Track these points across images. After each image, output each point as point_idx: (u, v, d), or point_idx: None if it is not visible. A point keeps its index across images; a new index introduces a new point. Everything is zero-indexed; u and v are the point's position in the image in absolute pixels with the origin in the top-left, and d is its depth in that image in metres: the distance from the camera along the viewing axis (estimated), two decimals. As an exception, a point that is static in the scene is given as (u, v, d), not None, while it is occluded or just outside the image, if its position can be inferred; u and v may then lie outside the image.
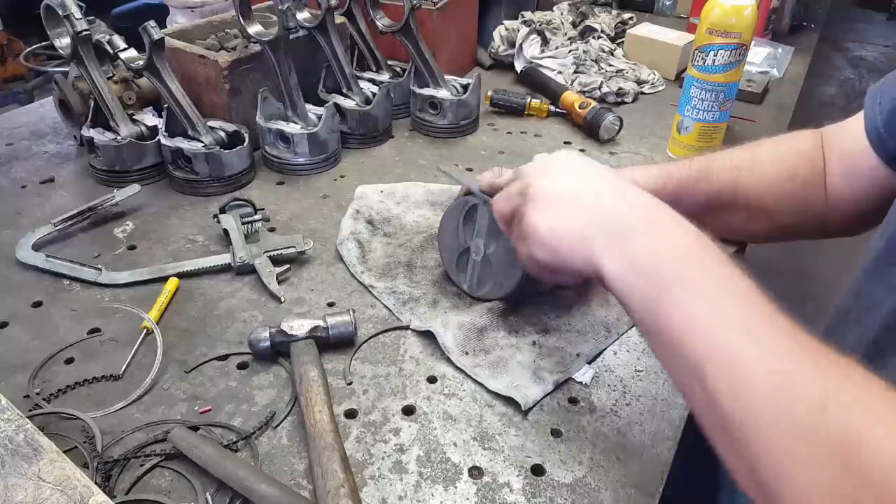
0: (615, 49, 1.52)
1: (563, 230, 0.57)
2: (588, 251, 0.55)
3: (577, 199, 0.58)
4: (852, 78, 4.86)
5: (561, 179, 0.61)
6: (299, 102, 1.06)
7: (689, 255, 0.51)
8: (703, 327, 0.46)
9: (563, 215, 0.58)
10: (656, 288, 0.49)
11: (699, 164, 0.82)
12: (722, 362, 0.44)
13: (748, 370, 0.42)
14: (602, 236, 0.54)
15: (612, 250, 0.53)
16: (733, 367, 0.43)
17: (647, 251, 0.52)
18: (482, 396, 0.69)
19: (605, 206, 0.56)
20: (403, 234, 0.93)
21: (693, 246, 0.52)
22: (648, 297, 0.50)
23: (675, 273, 0.49)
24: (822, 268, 2.49)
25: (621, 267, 0.52)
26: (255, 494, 0.56)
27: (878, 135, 0.71)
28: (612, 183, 0.59)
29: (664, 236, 0.53)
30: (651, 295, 0.50)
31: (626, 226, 0.54)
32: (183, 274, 0.84)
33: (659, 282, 0.49)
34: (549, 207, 0.59)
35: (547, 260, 0.59)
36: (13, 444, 0.54)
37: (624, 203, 0.56)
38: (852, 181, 0.76)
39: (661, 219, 0.55)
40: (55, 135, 1.19)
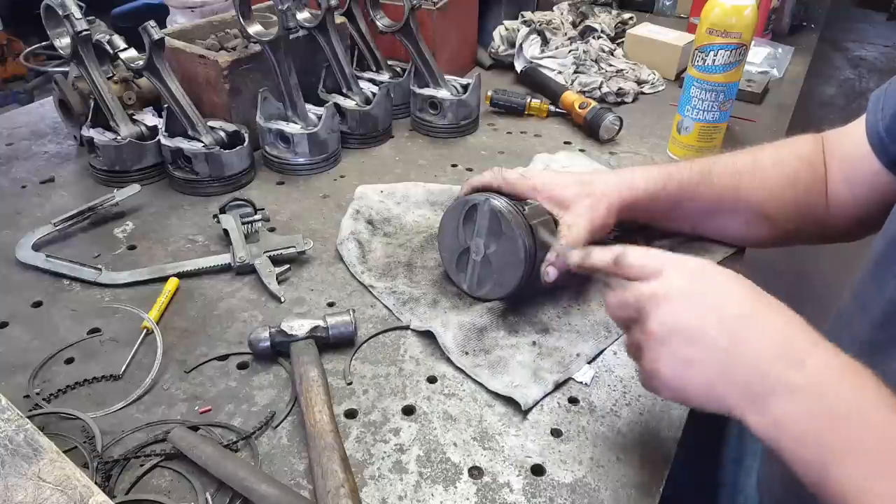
0: (615, 49, 1.52)
1: (690, 380, 0.50)
2: (725, 405, 0.48)
3: (706, 341, 0.49)
4: (852, 78, 4.86)
5: (684, 309, 0.50)
6: (299, 102, 1.07)
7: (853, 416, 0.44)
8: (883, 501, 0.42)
9: (689, 362, 0.49)
10: (818, 459, 0.44)
11: (700, 167, 0.82)
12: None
13: None
14: (738, 393, 0.47)
15: (753, 409, 0.47)
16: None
17: (801, 416, 0.45)
18: (482, 396, 0.69)
19: (737, 351, 0.48)
20: (403, 234, 0.93)
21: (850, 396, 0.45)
22: (810, 465, 0.45)
23: (834, 447, 0.44)
24: (823, 270, 2.49)
25: (772, 431, 0.46)
26: (255, 494, 0.56)
27: (880, 139, 0.71)
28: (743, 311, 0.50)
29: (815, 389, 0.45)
30: (813, 463, 0.44)
31: (764, 377, 0.46)
32: (183, 274, 0.84)
33: (822, 455, 0.44)
34: (671, 349, 0.50)
35: (674, 400, 0.54)
36: (13, 444, 0.54)
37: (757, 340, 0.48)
38: (853, 186, 0.76)
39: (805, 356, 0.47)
40: (55, 135, 1.19)
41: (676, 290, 0.51)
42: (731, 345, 0.48)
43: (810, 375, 0.46)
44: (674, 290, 0.51)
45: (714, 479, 0.90)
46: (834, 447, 0.44)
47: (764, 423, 0.47)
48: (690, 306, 0.51)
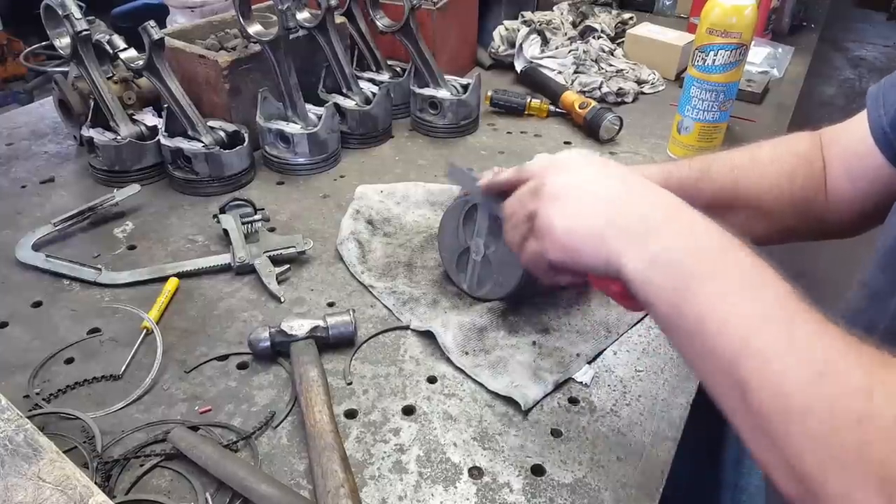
0: (615, 49, 1.52)
1: (581, 228, 0.55)
2: (607, 250, 0.53)
3: (597, 195, 0.56)
4: (852, 78, 4.86)
5: (579, 175, 0.58)
6: (299, 102, 1.06)
7: (715, 250, 0.50)
8: (735, 321, 0.45)
9: (581, 213, 0.56)
10: (683, 285, 0.48)
11: (699, 165, 0.82)
12: (757, 355, 0.42)
13: (783, 361, 0.41)
14: (623, 235, 0.53)
15: (635, 249, 0.52)
16: (768, 360, 0.42)
17: (672, 248, 0.50)
18: (482, 396, 0.69)
19: (627, 204, 0.55)
20: (403, 234, 0.93)
21: (718, 241, 0.50)
22: (675, 295, 0.48)
23: (702, 268, 0.48)
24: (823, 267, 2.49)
25: (644, 266, 0.51)
26: (254, 494, 0.56)
27: (884, 134, 0.71)
28: (632, 180, 0.57)
29: (689, 233, 0.52)
30: (677, 293, 0.48)
31: (648, 224, 0.52)
32: (183, 274, 0.84)
33: (685, 279, 0.48)
34: (567, 204, 0.57)
35: (561, 259, 0.57)
36: (13, 444, 0.54)
37: (645, 201, 0.55)
38: (856, 181, 0.76)
39: (683, 216, 0.53)
40: (55, 135, 1.19)
41: (568, 161, 0.61)
42: (617, 198, 0.55)
43: (685, 221, 0.52)
44: (565, 162, 0.61)
45: (714, 480, 0.90)
46: (698, 274, 0.48)
47: (640, 262, 0.51)
48: (580, 172, 0.59)
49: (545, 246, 0.58)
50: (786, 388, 0.41)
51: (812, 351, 0.41)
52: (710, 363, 0.46)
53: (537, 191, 0.60)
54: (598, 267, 0.55)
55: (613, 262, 0.53)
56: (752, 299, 0.46)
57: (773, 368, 0.42)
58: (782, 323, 0.43)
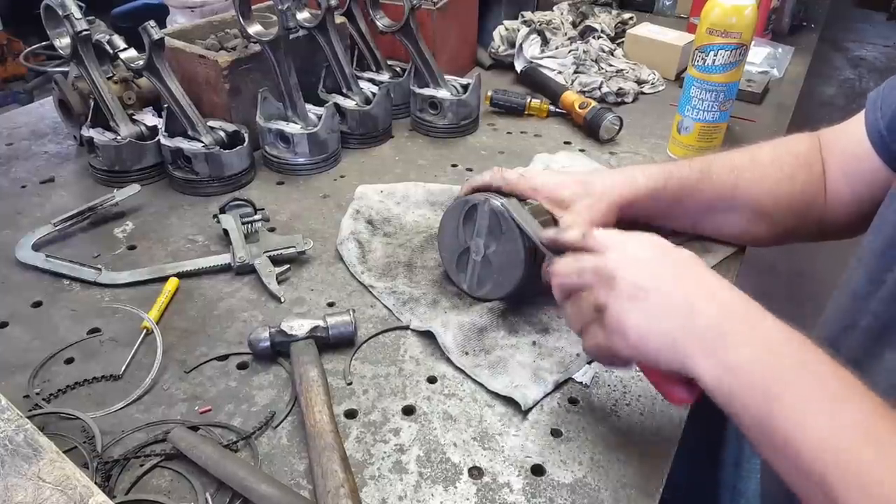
0: (615, 49, 1.52)
1: (655, 333, 0.54)
2: (680, 357, 0.52)
3: (669, 296, 0.54)
4: (852, 78, 4.86)
5: (649, 271, 0.56)
6: (299, 102, 1.06)
7: (797, 361, 0.49)
8: (821, 438, 0.44)
9: (654, 316, 0.54)
10: (764, 400, 0.47)
11: (699, 165, 0.82)
12: (847, 473, 0.42)
13: (877, 479, 0.41)
14: (697, 341, 0.51)
15: (709, 358, 0.51)
16: (860, 477, 0.42)
17: (750, 358, 0.49)
18: (482, 396, 0.69)
19: (699, 306, 0.53)
20: (403, 234, 0.93)
21: (798, 351, 0.50)
22: (756, 410, 0.48)
23: (783, 384, 0.47)
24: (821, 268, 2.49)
25: (722, 377, 0.50)
26: (254, 494, 0.56)
27: (881, 136, 0.71)
28: (701, 277, 0.56)
29: (767, 341, 0.50)
30: (758, 407, 0.48)
31: (722, 332, 0.51)
32: (183, 274, 0.84)
33: (766, 394, 0.47)
34: (640, 306, 0.55)
35: (632, 358, 0.57)
36: (13, 444, 0.54)
37: (717, 304, 0.53)
38: (853, 183, 0.76)
39: (759, 320, 0.52)
40: (55, 135, 1.19)
41: (641, 255, 0.58)
42: (693, 303, 0.53)
43: (762, 332, 0.51)
44: (638, 255, 0.58)
45: (713, 481, 0.90)
46: (781, 388, 0.47)
47: (717, 370, 0.50)
48: (653, 266, 0.57)
49: (615, 343, 0.56)
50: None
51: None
52: (800, 475, 0.46)
53: (607, 281, 0.57)
54: (671, 369, 0.54)
55: (687, 369, 0.52)
56: (839, 415, 0.45)
57: (865, 487, 0.42)
58: (872, 441, 0.43)
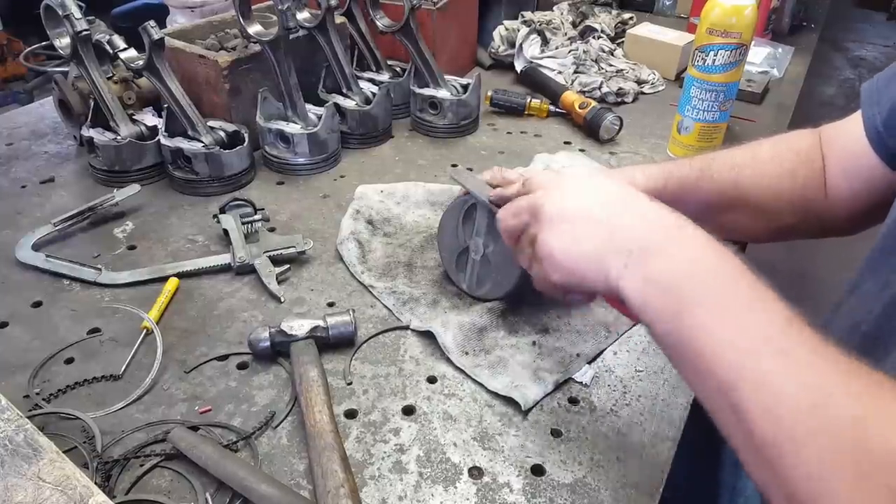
0: (615, 49, 1.52)
1: (577, 252, 0.55)
2: (605, 272, 0.53)
3: (591, 218, 0.56)
4: (852, 78, 4.86)
5: (573, 197, 0.58)
6: (299, 102, 1.06)
7: (711, 272, 0.49)
8: (730, 347, 0.45)
9: (576, 237, 0.56)
10: (678, 309, 0.48)
11: (699, 164, 0.82)
12: (752, 382, 0.42)
13: (781, 388, 0.41)
14: (618, 257, 0.52)
15: (630, 271, 0.52)
16: (765, 386, 0.42)
17: (667, 271, 0.50)
18: (482, 396, 0.69)
19: (620, 224, 0.54)
20: (403, 234, 0.93)
21: (714, 263, 0.50)
22: (670, 319, 0.48)
23: (697, 293, 0.48)
24: (821, 267, 2.49)
25: (640, 288, 0.51)
26: (254, 494, 0.56)
27: (878, 133, 0.71)
28: (626, 198, 0.57)
29: (683, 254, 0.51)
30: (673, 316, 0.48)
31: (643, 245, 0.52)
32: (183, 274, 0.84)
33: (681, 302, 0.48)
34: (562, 229, 0.57)
35: (563, 281, 0.58)
36: (13, 444, 0.54)
37: (639, 219, 0.54)
38: (851, 180, 0.76)
39: (679, 235, 0.53)
40: (55, 135, 1.19)
41: (564, 184, 0.60)
42: (615, 219, 0.55)
43: (682, 243, 0.52)
44: (562, 184, 0.61)
45: (714, 481, 0.90)
46: (692, 296, 0.48)
47: (636, 282, 0.51)
48: (577, 193, 0.59)
49: (546, 269, 0.58)
50: (781, 416, 0.41)
51: (808, 378, 0.41)
52: (708, 386, 0.46)
53: (536, 213, 0.59)
54: (599, 288, 0.55)
55: (612, 283, 0.53)
56: (749, 323, 0.45)
57: (769, 396, 0.42)
58: (779, 349, 0.43)
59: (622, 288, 0.52)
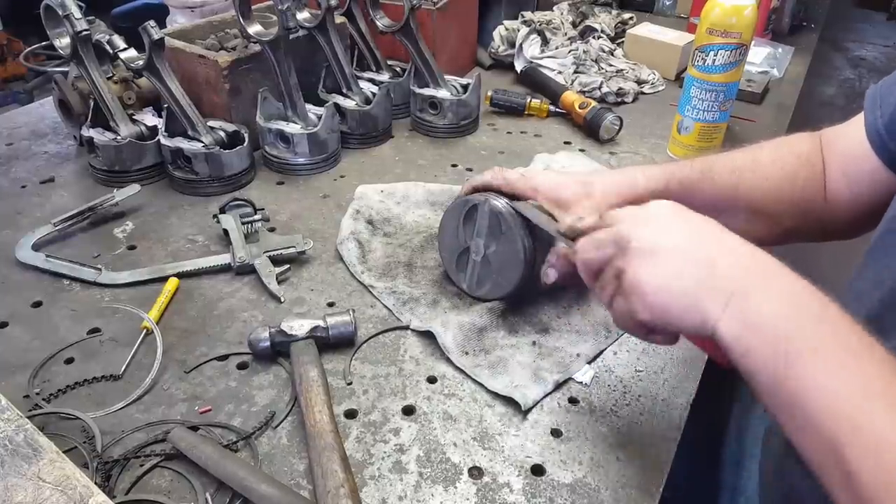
0: (615, 49, 1.52)
1: (672, 290, 0.52)
2: (701, 313, 0.51)
3: (688, 254, 0.53)
4: (852, 78, 4.86)
5: (665, 231, 0.55)
6: (299, 102, 1.06)
7: (816, 318, 0.47)
8: (841, 401, 0.43)
9: (671, 272, 0.53)
10: (783, 356, 0.46)
11: (700, 165, 0.82)
12: (864, 439, 0.41)
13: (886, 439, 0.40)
14: (717, 297, 0.50)
15: (729, 313, 0.49)
16: (878, 444, 0.41)
17: (770, 314, 0.48)
18: (482, 396, 0.69)
19: (719, 263, 0.52)
20: (403, 234, 0.93)
21: (818, 308, 0.48)
22: (774, 365, 0.46)
23: (804, 339, 0.46)
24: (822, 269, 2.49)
25: (740, 331, 0.48)
26: (254, 494, 0.56)
27: (879, 137, 0.71)
28: (720, 236, 0.55)
29: (787, 298, 0.49)
30: (777, 362, 0.46)
31: (744, 285, 0.50)
32: (183, 274, 0.84)
33: (786, 349, 0.46)
34: (656, 263, 0.53)
35: (651, 320, 0.54)
36: (13, 444, 0.54)
37: (737, 259, 0.52)
38: (852, 183, 0.76)
39: (779, 277, 0.51)
40: (55, 135, 1.19)
41: (653, 215, 0.57)
42: (710, 256, 0.52)
43: (782, 287, 0.50)
44: (650, 216, 0.57)
45: (714, 481, 0.90)
46: (799, 345, 0.46)
47: (736, 326, 0.49)
48: (669, 228, 0.56)
49: (633, 305, 0.55)
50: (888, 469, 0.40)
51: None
52: (814, 441, 0.45)
53: (623, 246, 0.56)
54: (691, 328, 0.52)
55: (708, 325, 0.50)
56: (859, 377, 0.44)
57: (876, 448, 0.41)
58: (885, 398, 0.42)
59: (720, 331, 0.50)
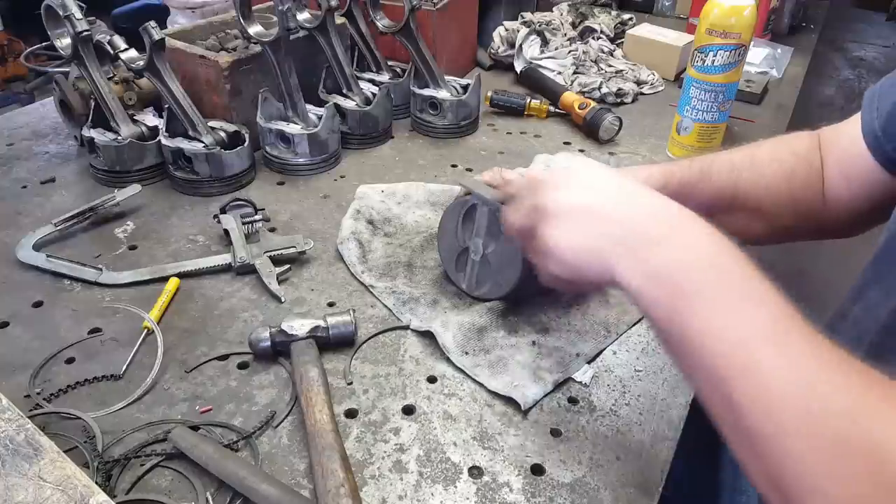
0: (615, 50, 1.52)
1: (578, 246, 0.56)
2: (606, 265, 0.53)
3: (591, 211, 0.56)
4: (851, 78, 4.86)
5: (573, 191, 0.58)
6: (300, 103, 1.07)
7: (709, 264, 0.50)
8: (724, 338, 0.45)
9: (577, 230, 0.56)
10: (676, 300, 0.48)
11: (699, 165, 0.82)
12: (745, 372, 0.43)
13: (772, 380, 0.42)
14: (619, 249, 0.53)
15: (630, 263, 0.52)
16: (757, 377, 0.42)
17: (665, 263, 0.50)
18: (482, 396, 0.69)
19: (620, 217, 0.54)
20: (404, 234, 0.93)
21: (712, 254, 0.50)
22: (668, 310, 0.49)
23: (695, 284, 0.48)
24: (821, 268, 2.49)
25: (640, 280, 0.51)
26: (255, 494, 0.56)
27: (875, 138, 0.71)
28: (626, 189, 0.57)
29: (682, 246, 0.51)
30: (671, 307, 0.49)
31: (642, 237, 0.52)
32: (183, 274, 0.84)
33: (679, 294, 0.48)
34: (563, 223, 0.57)
35: (565, 276, 0.58)
36: (14, 444, 0.54)
37: (639, 211, 0.55)
38: (850, 183, 0.76)
39: (678, 226, 0.53)
40: (56, 135, 1.19)
41: (567, 179, 0.60)
42: (610, 211, 0.55)
43: (683, 234, 0.52)
44: (563, 177, 0.60)
45: (713, 480, 0.90)
46: (688, 288, 0.48)
47: (638, 275, 0.51)
48: (579, 188, 0.58)
49: (550, 265, 0.59)
50: (770, 407, 0.41)
51: (799, 371, 0.42)
52: (703, 378, 0.47)
53: (536, 206, 0.60)
54: (601, 282, 0.55)
55: (613, 276, 0.53)
56: (745, 316, 0.46)
57: (760, 388, 0.42)
58: (774, 342, 0.44)
59: (622, 281, 0.52)
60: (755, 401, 0.42)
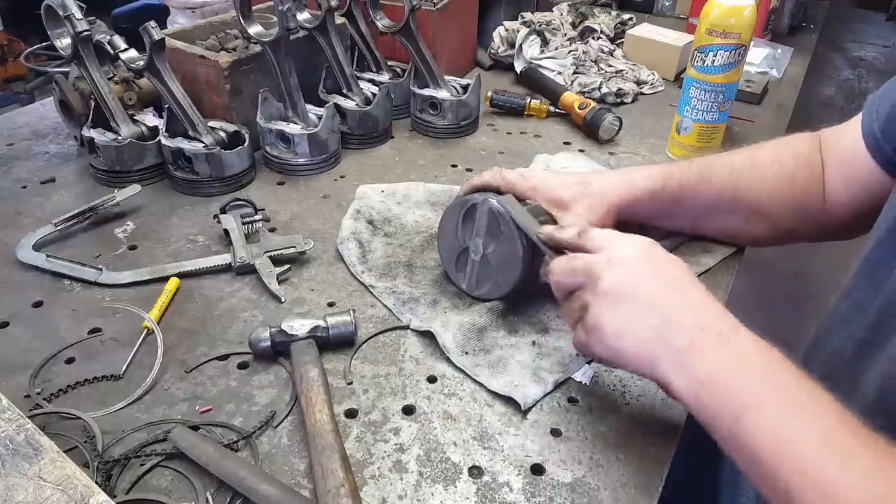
0: (615, 50, 1.52)
1: (630, 337, 0.56)
2: (654, 364, 0.54)
3: (650, 304, 0.56)
4: (851, 78, 4.86)
5: (635, 277, 0.58)
6: (300, 103, 1.07)
7: (763, 374, 0.50)
8: (787, 450, 0.46)
9: (631, 321, 0.56)
10: (732, 411, 0.49)
11: (699, 166, 0.82)
12: (810, 485, 0.43)
13: (838, 491, 0.42)
14: (670, 351, 0.53)
15: (681, 372, 0.52)
16: (822, 489, 0.43)
17: (719, 374, 0.50)
18: (482, 396, 0.69)
19: (678, 318, 0.54)
20: (404, 234, 0.93)
21: (766, 364, 0.51)
22: (723, 419, 0.49)
23: (751, 395, 0.49)
24: (820, 268, 2.49)
25: (691, 386, 0.51)
26: (255, 494, 0.56)
27: (875, 139, 0.71)
28: (687, 290, 0.57)
29: (736, 355, 0.52)
30: (727, 417, 0.49)
31: (695, 345, 0.52)
32: (183, 274, 0.84)
33: (734, 405, 0.49)
34: (620, 308, 0.56)
35: (607, 359, 0.59)
36: (14, 444, 0.54)
37: (697, 316, 0.54)
38: (849, 185, 0.76)
39: (731, 334, 0.53)
40: (56, 135, 1.19)
41: (627, 258, 0.59)
42: (670, 311, 0.55)
43: (733, 345, 0.52)
44: (625, 258, 0.59)
45: (714, 480, 0.90)
46: (749, 398, 0.49)
47: (689, 382, 0.52)
48: (639, 272, 0.58)
49: (592, 342, 0.59)
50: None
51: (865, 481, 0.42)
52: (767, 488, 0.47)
53: (593, 282, 0.59)
54: (642, 374, 0.57)
55: (661, 376, 0.54)
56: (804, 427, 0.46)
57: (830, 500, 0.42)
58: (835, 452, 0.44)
59: (671, 383, 0.53)
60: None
